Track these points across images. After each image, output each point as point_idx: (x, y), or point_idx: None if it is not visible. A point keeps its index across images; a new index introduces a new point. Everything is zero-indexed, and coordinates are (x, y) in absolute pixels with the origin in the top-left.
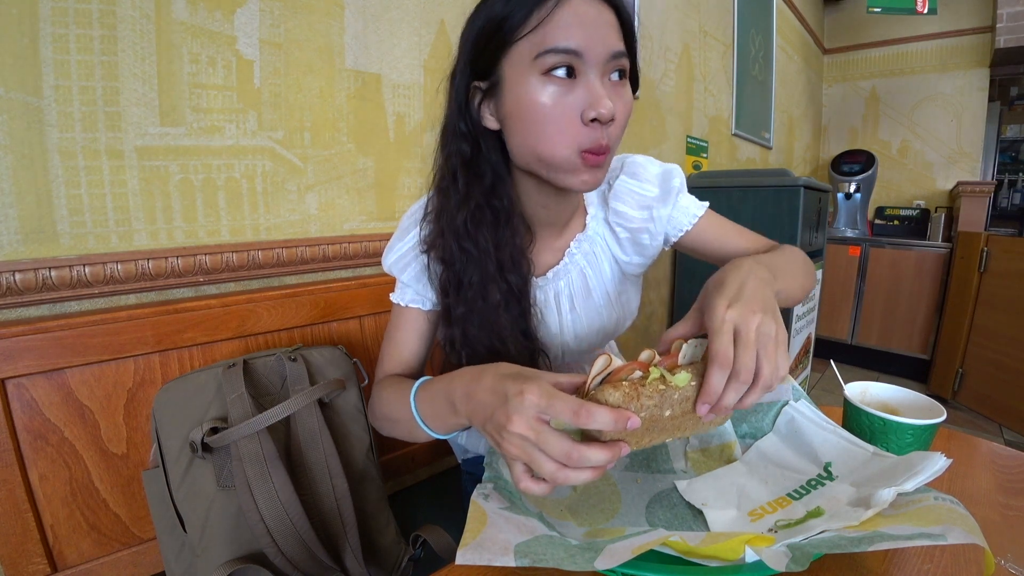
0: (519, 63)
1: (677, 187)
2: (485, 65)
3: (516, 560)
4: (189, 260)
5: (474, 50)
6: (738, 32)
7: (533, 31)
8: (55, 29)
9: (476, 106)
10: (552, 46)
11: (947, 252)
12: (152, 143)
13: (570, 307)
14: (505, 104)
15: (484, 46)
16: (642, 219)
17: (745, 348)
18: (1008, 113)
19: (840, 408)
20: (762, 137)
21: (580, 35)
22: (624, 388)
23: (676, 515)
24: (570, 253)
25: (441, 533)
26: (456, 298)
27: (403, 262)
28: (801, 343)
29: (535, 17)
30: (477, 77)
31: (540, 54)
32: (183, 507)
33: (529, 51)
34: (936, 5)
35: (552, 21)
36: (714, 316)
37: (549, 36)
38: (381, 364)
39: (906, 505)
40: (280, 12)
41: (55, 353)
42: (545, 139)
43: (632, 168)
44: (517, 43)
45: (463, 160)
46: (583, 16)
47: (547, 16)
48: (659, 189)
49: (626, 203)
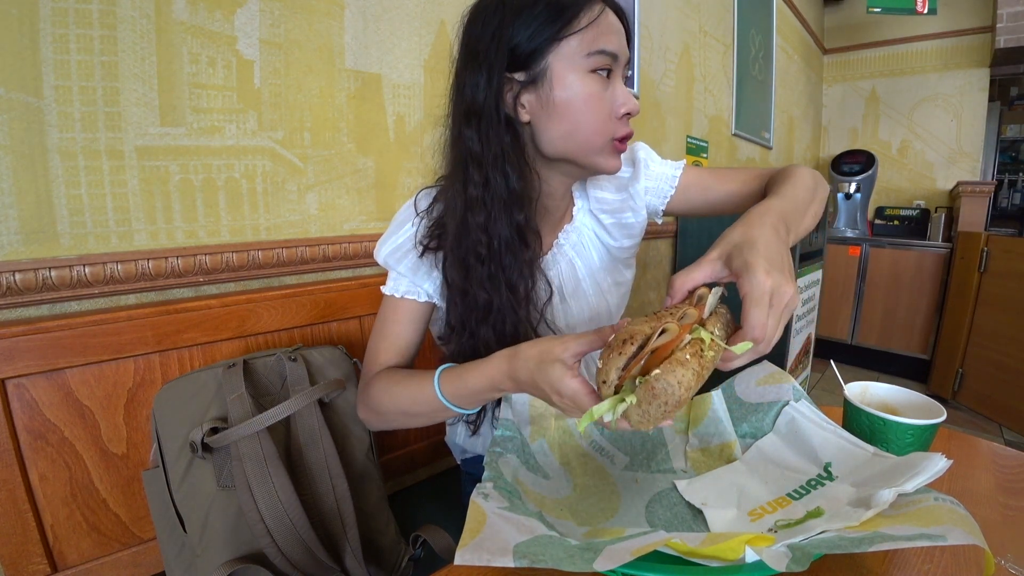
0: (569, 57)
1: (643, 158)
2: (528, 56)
3: (515, 560)
4: (189, 260)
5: (515, 38)
6: (738, 32)
7: (584, 30)
8: (55, 29)
9: (512, 99)
10: (603, 47)
11: (947, 252)
12: (152, 143)
13: (560, 298)
14: (550, 95)
15: (530, 39)
16: (621, 199)
17: (778, 322)
18: (1008, 113)
19: (840, 408)
20: (762, 137)
21: (617, 41)
22: (692, 365)
23: (676, 515)
24: (559, 244)
25: (441, 533)
26: (467, 312)
27: (399, 254)
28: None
29: (585, 16)
30: (515, 68)
31: (592, 53)
32: (183, 507)
33: (580, 48)
34: (936, 5)
35: (599, 25)
36: (755, 283)
37: (600, 38)
38: (372, 357)
39: (906, 506)
40: (280, 12)
41: (55, 353)
42: (588, 128)
43: None
44: (569, 38)
45: (502, 151)
46: (615, 25)
47: (596, 19)
48: (631, 168)
49: (604, 188)
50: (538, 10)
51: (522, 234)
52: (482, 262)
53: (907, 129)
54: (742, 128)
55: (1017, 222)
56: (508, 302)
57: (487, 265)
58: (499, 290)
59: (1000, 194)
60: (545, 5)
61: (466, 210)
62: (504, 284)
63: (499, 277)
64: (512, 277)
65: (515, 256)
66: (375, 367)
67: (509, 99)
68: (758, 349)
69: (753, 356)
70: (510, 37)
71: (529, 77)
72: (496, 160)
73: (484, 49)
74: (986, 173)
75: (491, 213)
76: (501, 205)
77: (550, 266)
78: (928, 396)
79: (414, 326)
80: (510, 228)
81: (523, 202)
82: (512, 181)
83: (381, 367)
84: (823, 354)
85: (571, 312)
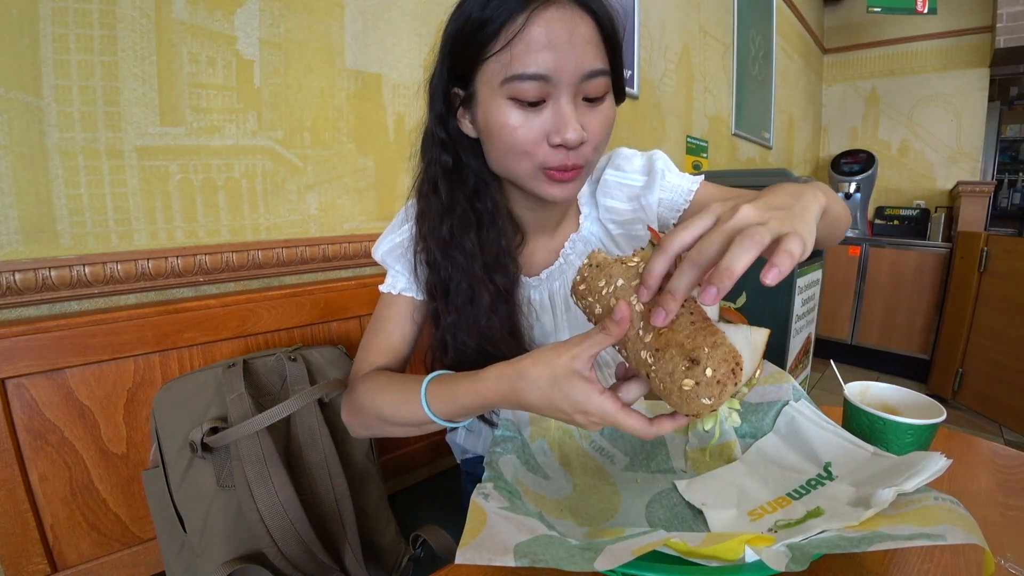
0: (489, 82)
1: (660, 169)
2: (463, 74)
3: (516, 560)
4: (189, 260)
5: (452, 56)
6: (738, 32)
7: (503, 50)
8: (55, 29)
9: (455, 112)
10: (520, 72)
11: (947, 252)
12: (152, 143)
13: (565, 307)
14: (477, 119)
15: (461, 53)
16: (632, 210)
17: (719, 233)
18: (1008, 113)
19: (840, 408)
20: (762, 137)
21: (549, 59)
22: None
23: (676, 515)
24: (565, 254)
25: (441, 533)
26: (444, 304)
27: (397, 251)
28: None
29: (504, 33)
30: (457, 83)
31: (507, 80)
32: (183, 507)
33: (498, 73)
34: (936, 5)
35: (522, 40)
36: (705, 210)
37: (517, 59)
38: (364, 354)
39: (906, 505)
40: (280, 12)
41: (55, 353)
42: (510, 158)
43: (617, 161)
44: (488, 60)
45: (444, 169)
46: (555, 34)
47: (517, 34)
48: (645, 177)
49: (614, 197)
50: (469, 23)
51: (486, 246)
52: (446, 280)
53: (907, 129)
54: (742, 128)
55: (1017, 222)
56: (481, 316)
57: (455, 281)
58: (468, 305)
59: (1000, 194)
60: (470, 19)
61: (423, 218)
62: (470, 300)
63: (466, 292)
64: (476, 290)
65: (483, 269)
66: (364, 367)
67: (455, 113)
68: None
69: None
70: (451, 50)
71: (467, 95)
72: (448, 175)
73: (438, 58)
74: (986, 173)
75: (452, 226)
76: (463, 216)
77: (555, 277)
78: (928, 396)
79: (410, 324)
80: (474, 241)
81: (482, 214)
82: (467, 193)
83: (371, 367)
84: (823, 354)
85: (576, 322)
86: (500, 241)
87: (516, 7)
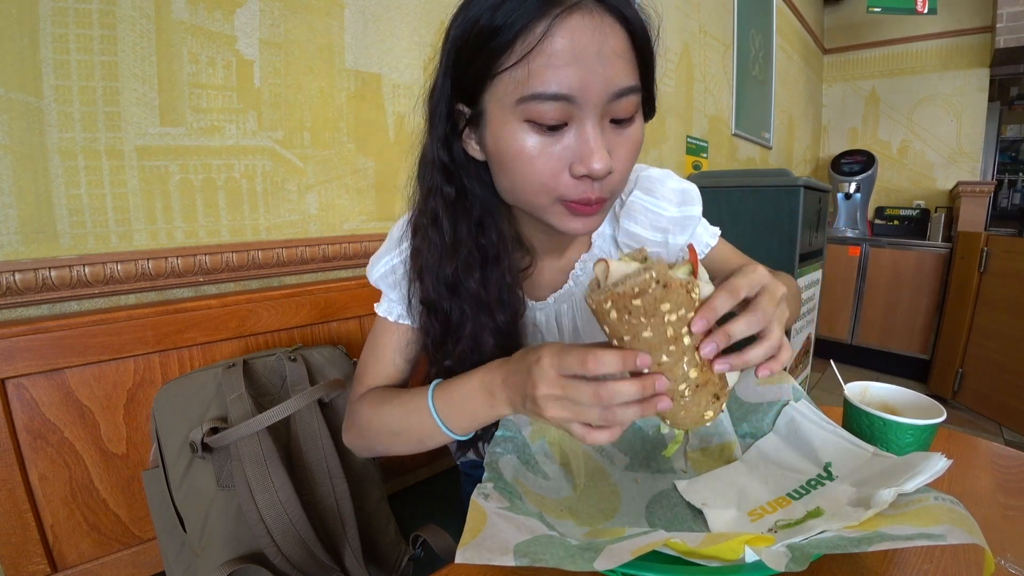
0: (501, 100)
1: (697, 216)
2: (469, 89)
3: (516, 560)
4: (189, 260)
5: (456, 68)
6: (738, 32)
7: (518, 64)
8: (55, 29)
9: (460, 133)
10: (539, 91)
11: (947, 252)
12: (152, 143)
13: (572, 328)
14: (486, 142)
15: (467, 66)
16: (655, 242)
17: (770, 298)
18: (1008, 113)
19: (840, 408)
20: (762, 137)
21: (573, 76)
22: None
23: (676, 515)
24: (575, 276)
25: (441, 533)
26: (440, 353)
27: (391, 278)
28: (801, 343)
29: (521, 44)
30: (462, 100)
31: (523, 99)
32: (183, 507)
33: (512, 90)
34: (936, 5)
35: (542, 52)
36: (748, 267)
37: (536, 76)
38: (362, 377)
39: (906, 505)
40: (280, 12)
41: (55, 353)
42: (526, 190)
43: (647, 183)
44: (500, 75)
45: (446, 201)
46: (580, 45)
47: (536, 45)
48: (678, 211)
49: (639, 223)
50: (477, 31)
51: (490, 285)
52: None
53: (907, 129)
54: (742, 128)
55: (1017, 222)
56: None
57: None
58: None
59: (1000, 194)
60: (478, 26)
61: (419, 254)
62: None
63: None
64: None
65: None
66: (362, 387)
67: (459, 134)
68: (756, 318)
69: (750, 324)
70: (455, 62)
71: (474, 113)
72: (451, 207)
73: (438, 69)
74: (986, 173)
75: (457, 269)
76: (469, 257)
77: (563, 300)
78: (928, 396)
79: (406, 353)
80: (479, 281)
81: (487, 250)
82: (471, 227)
83: (368, 388)
84: (823, 354)
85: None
86: (506, 278)
87: (534, 13)
